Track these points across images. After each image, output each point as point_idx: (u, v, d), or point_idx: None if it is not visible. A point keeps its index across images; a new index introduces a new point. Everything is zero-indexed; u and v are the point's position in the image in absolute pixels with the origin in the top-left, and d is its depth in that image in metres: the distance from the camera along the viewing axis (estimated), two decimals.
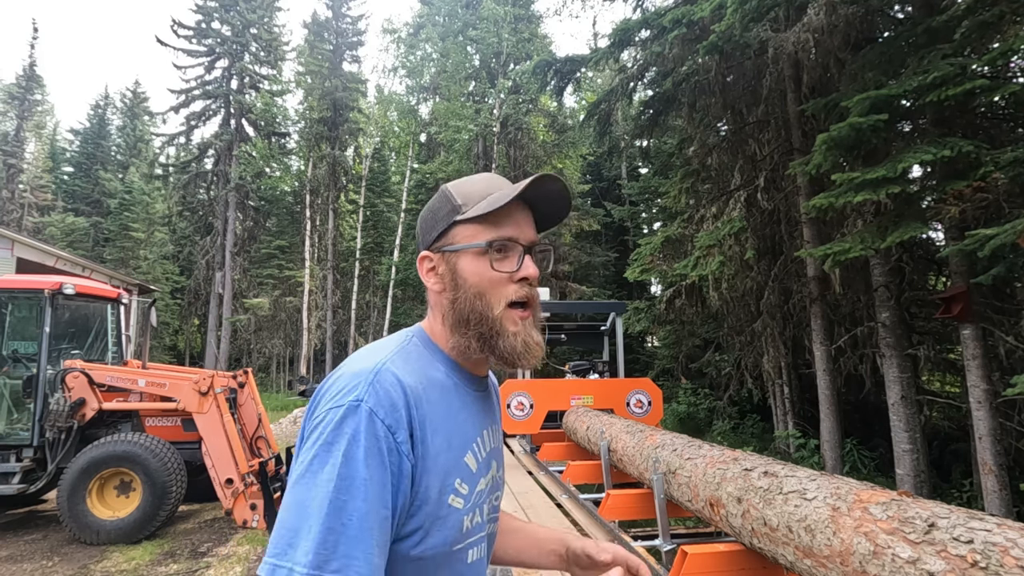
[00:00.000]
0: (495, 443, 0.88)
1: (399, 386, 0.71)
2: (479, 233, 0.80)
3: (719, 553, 2.55)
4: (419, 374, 0.76)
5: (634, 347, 16.73)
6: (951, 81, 4.88)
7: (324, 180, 24.70)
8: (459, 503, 0.74)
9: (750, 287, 9.79)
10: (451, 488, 0.73)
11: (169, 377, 5.69)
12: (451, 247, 0.81)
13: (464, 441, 0.78)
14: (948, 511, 1.54)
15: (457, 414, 0.78)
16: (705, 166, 9.98)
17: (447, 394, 0.78)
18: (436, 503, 0.71)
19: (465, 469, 0.77)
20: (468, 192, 0.82)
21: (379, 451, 0.65)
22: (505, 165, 19.68)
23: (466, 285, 0.79)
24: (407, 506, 0.69)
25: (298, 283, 24.75)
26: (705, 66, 8.23)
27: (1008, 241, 4.20)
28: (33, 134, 35.04)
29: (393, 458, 0.67)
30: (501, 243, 0.79)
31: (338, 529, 0.61)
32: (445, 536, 0.72)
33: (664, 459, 3.30)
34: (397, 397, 0.69)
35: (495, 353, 0.80)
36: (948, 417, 8.49)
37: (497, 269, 0.79)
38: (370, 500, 0.63)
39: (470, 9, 20.35)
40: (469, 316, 0.79)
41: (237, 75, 25.84)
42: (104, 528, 5.04)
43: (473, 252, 0.80)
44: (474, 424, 0.82)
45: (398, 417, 0.68)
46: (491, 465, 0.84)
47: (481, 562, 0.81)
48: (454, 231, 0.81)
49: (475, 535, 0.78)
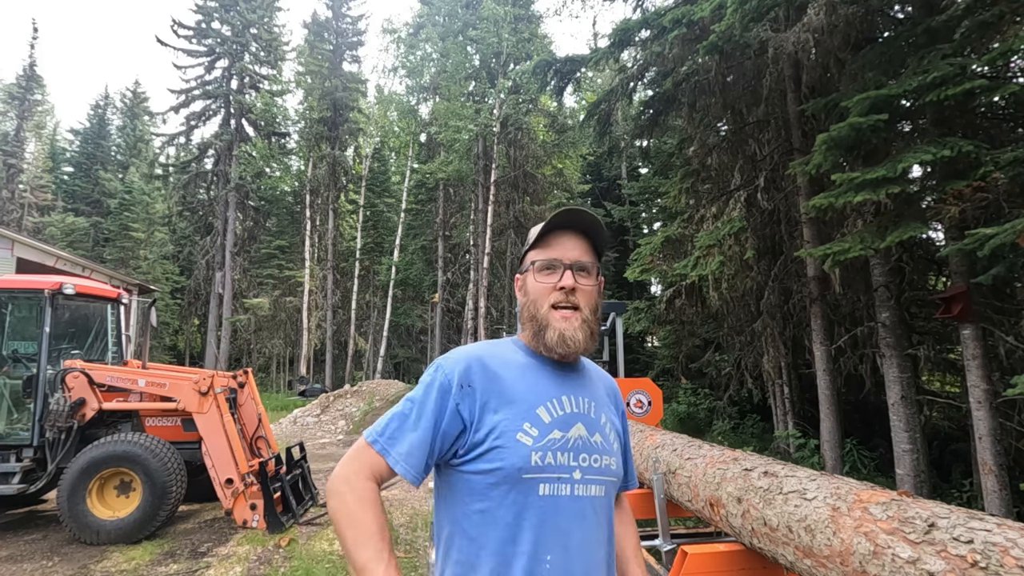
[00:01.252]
0: (585, 411, 1.11)
1: (465, 358, 1.08)
2: (534, 256, 1.14)
3: (719, 553, 2.54)
4: (495, 352, 1.12)
5: (634, 347, 16.72)
6: (951, 81, 4.88)
7: (324, 180, 24.71)
8: (527, 440, 1.01)
9: (750, 287, 9.79)
10: (519, 427, 1.02)
11: (169, 377, 5.69)
12: (523, 269, 1.17)
13: (537, 397, 1.06)
14: (948, 511, 1.54)
15: (531, 378, 1.09)
16: (705, 166, 9.98)
17: (521, 366, 1.11)
18: (504, 434, 1.01)
19: (536, 418, 1.04)
20: (545, 222, 1.13)
21: (438, 389, 1.05)
22: (505, 165, 19.68)
23: (530, 294, 1.13)
24: (466, 428, 1.04)
25: (298, 283, 24.75)
26: (705, 66, 8.22)
27: (1008, 241, 4.20)
28: (33, 134, 35.05)
29: (445, 396, 1.05)
30: (545, 263, 1.11)
31: (397, 421, 1.06)
32: (513, 461, 0.99)
33: (664, 459, 3.30)
34: (459, 364, 1.07)
35: (543, 342, 1.10)
36: (948, 417, 8.49)
37: (541, 281, 1.11)
38: (423, 415, 1.04)
39: (470, 9, 20.34)
40: (529, 315, 1.13)
41: (237, 75, 25.84)
42: (104, 528, 5.04)
43: (531, 270, 1.13)
44: (549, 387, 1.09)
45: (457, 371, 1.06)
46: (575, 426, 1.07)
47: (557, 500, 1.01)
48: (527, 256, 1.16)
49: (548, 473, 1.01)
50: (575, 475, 1.03)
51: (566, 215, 1.11)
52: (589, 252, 1.13)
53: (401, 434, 1.04)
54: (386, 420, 1.08)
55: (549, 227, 1.11)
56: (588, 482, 1.05)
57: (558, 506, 1.00)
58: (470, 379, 1.05)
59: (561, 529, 1.00)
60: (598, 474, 1.06)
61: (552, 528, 0.99)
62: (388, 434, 1.05)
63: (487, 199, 19.24)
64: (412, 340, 28.14)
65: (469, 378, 1.05)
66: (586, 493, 1.04)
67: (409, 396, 1.09)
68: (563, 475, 1.02)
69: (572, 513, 1.01)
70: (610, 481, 1.10)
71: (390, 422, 1.06)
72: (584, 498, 1.03)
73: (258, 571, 4.53)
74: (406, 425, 1.05)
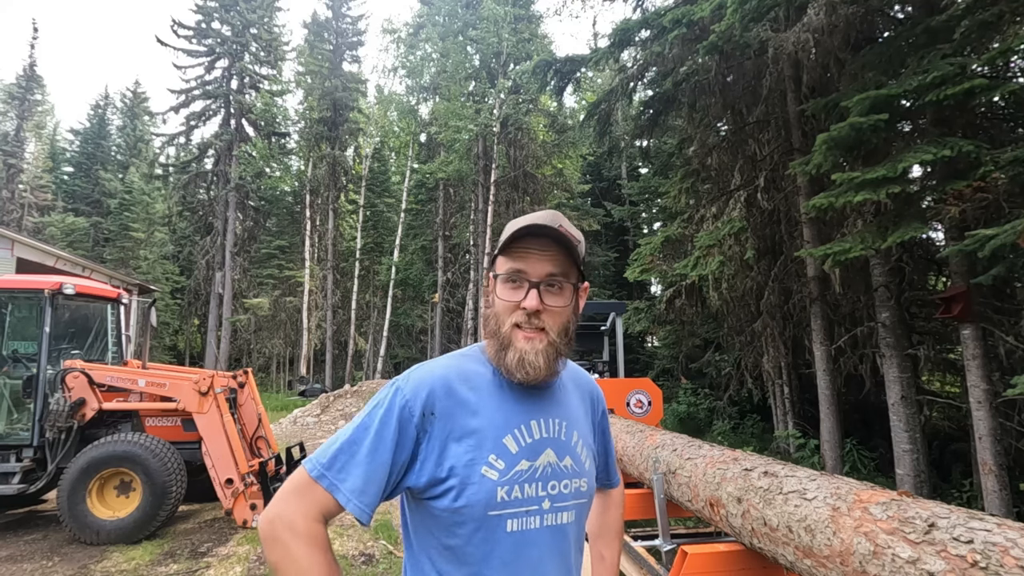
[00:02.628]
0: (555, 435, 1.02)
1: (428, 381, 0.96)
2: (502, 264, 1.00)
3: (719, 553, 2.54)
4: (463, 369, 1.00)
5: (634, 347, 16.73)
6: (951, 81, 4.88)
7: (324, 180, 24.70)
8: (493, 474, 0.92)
9: (750, 287, 9.79)
10: (484, 460, 0.93)
11: (169, 377, 5.69)
12: (494, 273, 1.02)
13: (504, 424, 0.96)
14: (948, 511, 1.54)
15: (498, 402, 0.98)
16: (705, 166, 9.98)
17: (488, 385, 0.99)
18: (469, 469, 0.92)
19: (502, 448, 0.94)
20: (514, 225, 0.99)
21: (394, 418, 0.93)
22: (505, 165, 19.67)
23: (495, 308, 1.00)
24: (424, 461, 0.93)
25: (298, 283, 24.75)
26: (705, 66, 8.23)
27: (1008, 241, 4.20)
28: (33, 134, 35.04)
29: (406, 426, 0.93)
30: (510, 275, 0.98)
31: (348, 451, 0.93)
32: (477, 498, 0.91)
33: (664, 459, 3.30)
34: (421, 388, 0.95)
35: (503, 363, 0.98)
36: (948, 417, 8.48)
37: (504, 297, 0.98)
38: (379, 446, 0.92)
39: (470, 9, 20.34)
40: (492, 329, 1.00)
41: (237, 75, 25.84)
42: (104, 528, 5.04)
43: (501, 280, 0.99)
44: (518, 411, 0.99)
45: (418, 397, 0.94)
46: (543, 453, 0.99)
47: (526, 534, 0.94)
48: (498, 260, 1.01)
49: (514, 508, 0.93)
50: (544, 505, 0.97)
51: (539, 228, 0.95)
52: (563, 262, 0.97)
53: (352, 466, 0.91)
54: (333, 450, 0.93)
55: (521, 233, 0.96)
56: (558, 510, 0.98)
57: (527, 540, 0.94)
58: (433, 406, 0.94)
59: (533, 562, 0.95)
60: (568, 499, 1.00)
61: (524, 563, 0.94)
62: (337, 467, 0.92)
63: (487, 199, 19.25)
64: (412, 340, 28.14)
65: (432, 405, 0.94)
66: (556, 522, 0.98)
67: (361, 422, 0.95)
68: (531, 507, 0.95)
69: (543, 544, 0.96)
70: (581, 504, 1.04)
71: (339, 453, 0.93)
72: (554, 527, 0.98)
73: (258, 571, 4.53)
74: (358, 456, 0.92)
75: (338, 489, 0.91)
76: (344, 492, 0.90)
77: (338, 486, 0.91)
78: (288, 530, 0.88)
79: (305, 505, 0.90)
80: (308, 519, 0.90)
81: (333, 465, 0.92)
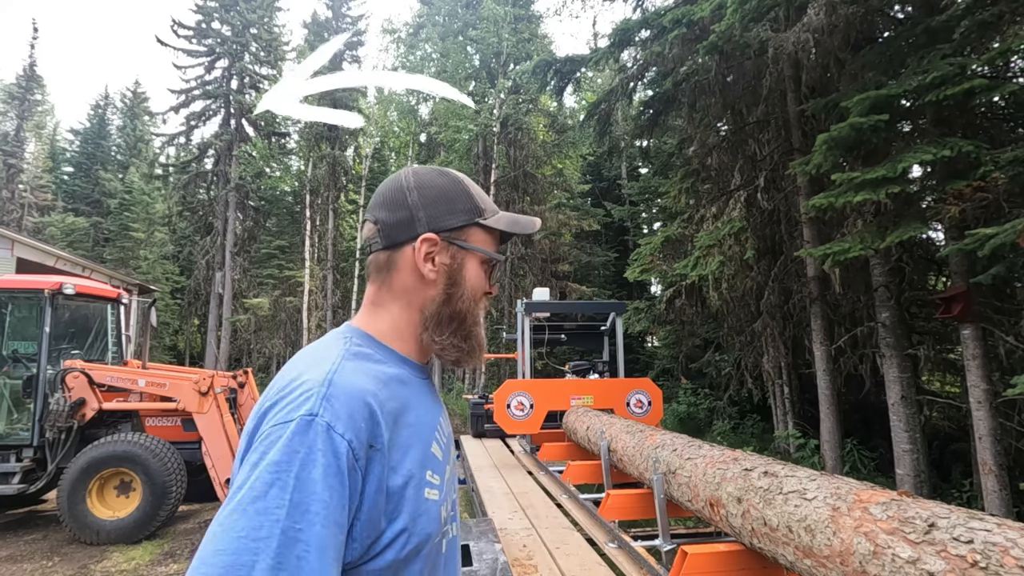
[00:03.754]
0: (449, 427, 0.87)
1: (359, 396, 0.65)
2: (488, 244, 0.83)
3: (719, 553, 2.55)
4: (375, 374, 0.72)
5: (634, 347, 16.72)
6: (951, 81, 4.88)
7: (324, 180, 24.69)
8: (435, 494, 0.72)
9: (750, 287, 9.79)
10: (426, 482, 0.71)
11: (169, 377, 5.69)
12: (466, 244, 0.81)
13: (428, 431, 0.76)
14: (948, 511, 1.54)
15: (417, 407, 0.76)
16: (705, 166, 9.98)
17: (405, 389, 0.75)
18: (415, 501, 0.68)
19: (433, 459, 0.75)
20: (483, 197, 0.84)
21: (339, 469, 0.59)
22: (505, 165, 19.67)
23: (466, 286, 0.80)
24: (364, 519, 0.63)
25: (298, 283, 24.75)
26: (705, 66, 8.23)
27: (1008, 241, 4.20)
28: (33, 134, 35.03)
29: (354, 476, 0.61)
30: (491, 258, 0.83)
31: (292, 564, 0.53)
32: (428, 531, 0.69)
33: (664, 459, 3.30)
34: (356, 411, 0.63)
35: (462, 351, 0.80)
36: (948, 417, 8.49)
37: (480, 277, 0.83)
38: (329, 526, 0.57)
39: (470, 9, 20.34)
40: (461, 315, 0.80)
41: (237, 75, 25.84)
42: (104, 528, 5.04)
43: (480, 258, 0.82)
44: (431, 413, 0.79)
45: (358, 429, 0.63)
46: (451, 449, 0.84)
47: (454, 541, 0.81)
48: (471, 230, 0.82)
49: (449, 524, 0.78)
50: (455, 511, 0.85)
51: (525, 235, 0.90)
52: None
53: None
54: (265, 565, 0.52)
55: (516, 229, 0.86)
56: (455, 513, 0.85)
57: (452, 552, 0.81)
58: (375, 436, 0.65)
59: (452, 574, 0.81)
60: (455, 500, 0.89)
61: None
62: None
63: None
64: None
65: (374, 434, 0.65)
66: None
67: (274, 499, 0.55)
68: (454, 518, 0.83)
69: (454, 553, 0.82)
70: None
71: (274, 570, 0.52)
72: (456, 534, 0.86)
73: None
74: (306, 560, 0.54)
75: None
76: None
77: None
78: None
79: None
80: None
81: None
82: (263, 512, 0.54)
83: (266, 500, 0.55)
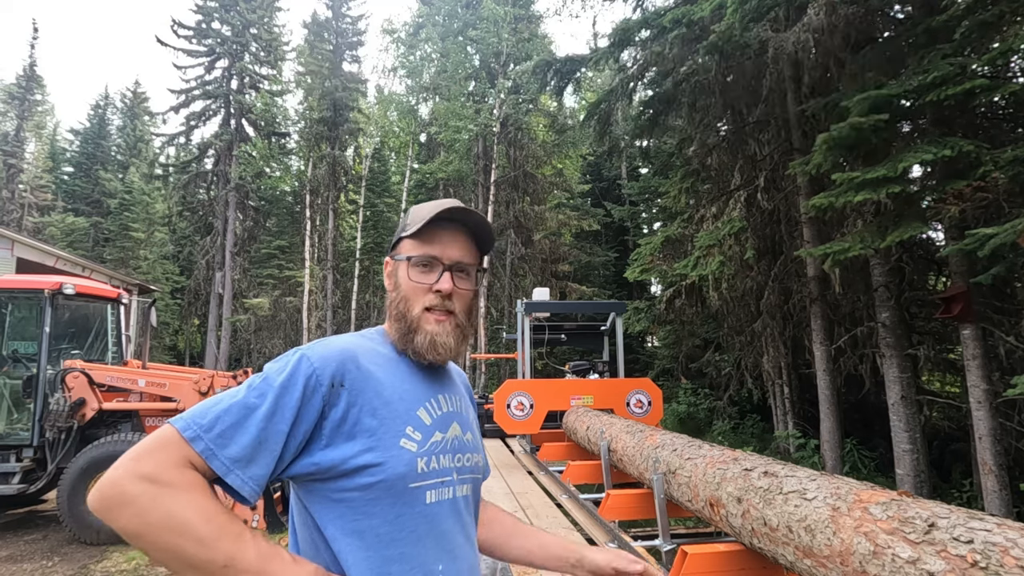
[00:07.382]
0: (457, 409, 1.04)
1: (338, 352, 0.89)
2: (412, 248, 1.00)
3: (719, 553, 2.55)
4: (366, 347, 0.96)
5: (634, 347, 16.72)
6: (951, 81, 4.88)
7: (324, 180, 24.69)
8: (411, 446, 0.90)
9: (750, 287, 9.79)
10: (401, 432, 0.90)
11: (169, 377, 5.69)
12: (397, 256, 1.02)
13: (415, 398, 0.95)
14: (948, 511, 1.54)
15: (405, 378, 0.96)
16: (705, 166, 9.98)
17: (393, 363, 0.97)
18: (388, 443, 0.87)
19: (417, 420, 0.93)
20: (418, 213, 1.00)
21: (303, 385, 0.84)
22: (505, 165, 19.68)
23: (400, 288, 1.00)
24: (332, 438, 0.85)
25: (298, 283, 24.74)
26: (705, 66, 8.22)
27: (1008, 241, 4.20)
28: (33, 134, 35.04)
29: (312, 395, 0.84)
30: (423, 259, 0.98)
31: (235, 414, 0.79)
32: (398, 471, 0.87)
33: (664, 459, 3.30)
34: (331, 359, 0.88)
35: (411, 346, 0.98)
36: (948, 417, 8.49)
37: (415, 280, 0.99)
38: (278, 412, 0.81)
39: (470, 9, 20.34)
40: (398, 313, 1.00)
41: (237, 75, 25.84)
42: (104, 528, 5.03)
43: (405, 263, 1.00)
44: (425, 388, 0.99)
45: (326, 366, 0.86)
46: (451, 425, 0.99)
47: (441, 505, 0.93)
48: (401, 244, 1.02)
49: (433, 479, 0.92)
50: (454, 476, 0.96)
51: (454, 211, 0.99)
52: (472, 252, 1.03)
53: (239, 433, 0.77)
54: (217, 411, 0.78)
55: (433, 219, 0.98)
56: (462, 482, 0.99)
57: (442, 511, 0.93)
58: (343, 377, 0.87)
59: (446, 535, 0.93)
60: (470, 472, 1.01)
61: (439, 535, 0.92)
62: (219, 429, 0.77)
63: (487, 199, 19.25)
64: None
65: (342, 376, 0.87)
66: (461, 493, 0.98)
67: (256, 385, 0.83)
68: (446, 478, 0.94)
69: (452, 516, 0.95)
70: (477, 479, 1.05)
71: (223, 414, 0.78)
72: (460, 498, 0.97)
73: None
74: (248, 421, 0.78)
75: (215, 456, 0.75)
76: (223, 459, 0.75)
77: (216, 452, 0.75)
78: (146, 482, 0.70)
79: (169, 459, 0.73)
80: (177, 467, 0.73)
81: (213, 427, 0.76)
82: (244, 387, 0.84)
83: (250, 383, 0.85)
